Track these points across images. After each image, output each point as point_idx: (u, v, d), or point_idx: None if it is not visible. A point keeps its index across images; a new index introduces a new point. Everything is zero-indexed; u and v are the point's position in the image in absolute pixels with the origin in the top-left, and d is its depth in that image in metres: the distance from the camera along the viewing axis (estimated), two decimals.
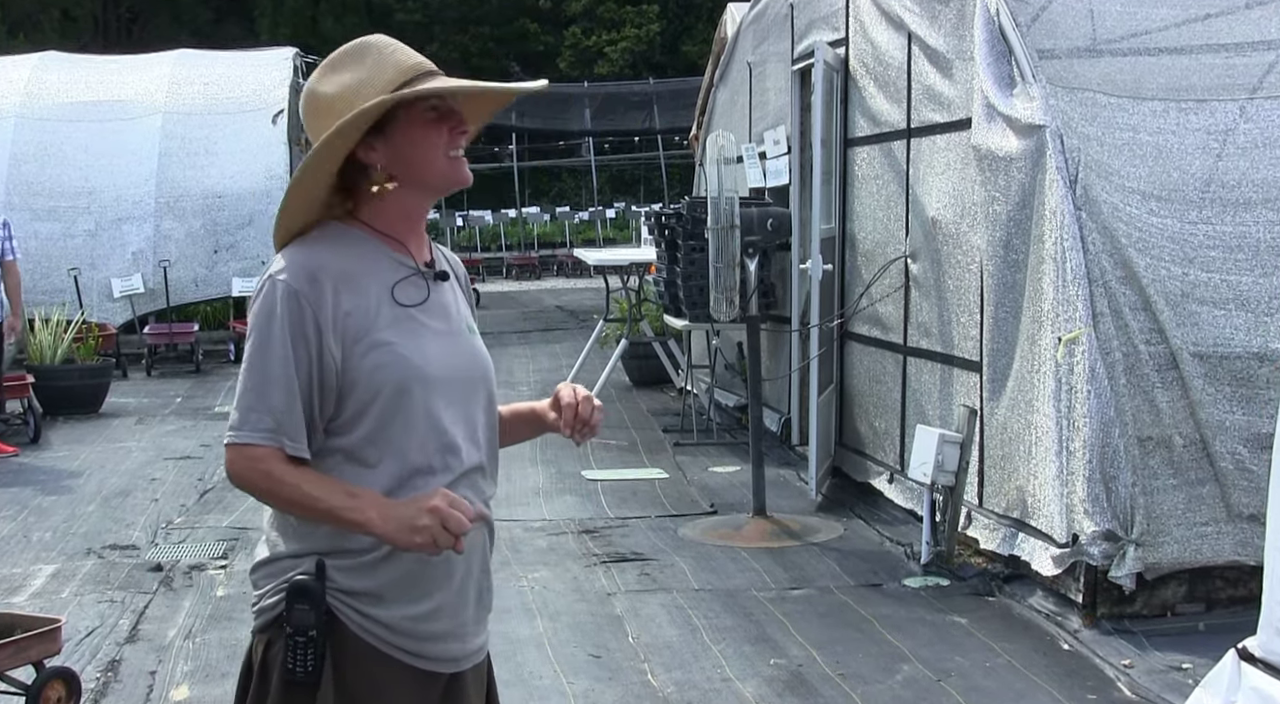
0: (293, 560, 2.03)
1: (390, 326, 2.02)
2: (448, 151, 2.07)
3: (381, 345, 2.00)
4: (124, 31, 32.30)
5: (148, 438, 8.99)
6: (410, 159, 2.06)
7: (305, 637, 1.98)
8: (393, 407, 2.00)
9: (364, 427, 2.01)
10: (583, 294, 18.82)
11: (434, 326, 2.08)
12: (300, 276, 1.98)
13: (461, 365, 2.10)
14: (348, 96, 2.02)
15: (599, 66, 32.15)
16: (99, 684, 4.48)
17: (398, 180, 2.06)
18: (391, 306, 2.04)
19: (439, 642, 2.06)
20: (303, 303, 1.97)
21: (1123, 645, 4.65)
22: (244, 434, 1.98)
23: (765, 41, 8.81)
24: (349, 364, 1.99)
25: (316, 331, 1.97)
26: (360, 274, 2.03)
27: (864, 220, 6.96)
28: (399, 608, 2.02)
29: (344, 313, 1.99)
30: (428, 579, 2.04)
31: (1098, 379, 4.75)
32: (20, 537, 6.47)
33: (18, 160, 13.33)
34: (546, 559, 5.94)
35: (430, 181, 2.10)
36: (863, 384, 6.99)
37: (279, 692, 2.00)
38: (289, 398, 1.96)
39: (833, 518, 6.57)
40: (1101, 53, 5.46)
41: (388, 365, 2.00)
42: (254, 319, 1.99)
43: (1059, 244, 4.88)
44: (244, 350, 2.02)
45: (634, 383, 10.82)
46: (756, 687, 4.39)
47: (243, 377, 2.00)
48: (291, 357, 1.96)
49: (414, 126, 2.05)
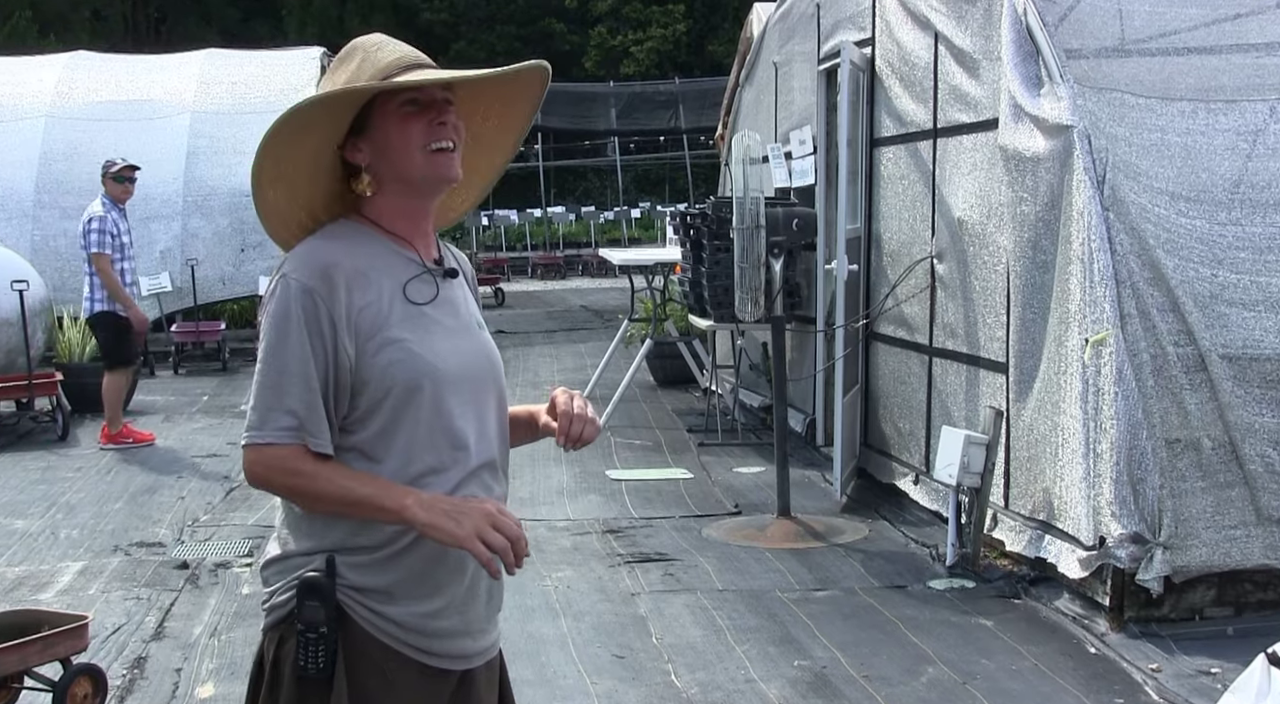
0: (304, 557, 2.03)
1: (402, 323, 2.02)
2: (427, 146, 2.03)
3: (394, 342, 2.00)
4: (153, 31, 32.54)
5: (174, 436, 9.05)
6: (390, 156, 2.04)
7: (316, 633, 1.98)
8: (404, 403, 2.00)
9: (376, 423, 2.01)
10: (608, 294, 18.84)
11: (445, 323, 2.08)
12: (314, 274, 1.98)
13: (472, 362, 2.10)
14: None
15: (625, 66, 32.19)
16: (125, 681, 4.51)
17: (381, 180, 2.06)
18: (403, 304, 2.04)
19: (449, 639, 2.06)
20: (317, 300, 1.96)
21: (1150, 649, 4.61)
22: (265, 434, 1.96)
23: (791, 41, 8.79)
24: (362, 361, 1.99)
25: (331, 328, 1.97)
26: (372, 271, 2.03)
27: (890, 220, 6.93)
28: (409, 605, 2.02)
29: (357, 309, 1.99)
30: (438, 576, 2.04)
31: (1125, 381, 4.72)
32: (48, 534, 6.52)
33: (48, 159, 13.44)
34: (571, 559, 5.94)
35: (410, 178, 2.06)
36: (888, 385, 6.96)
37: (291, 689, 2.00)
38: (309, 395, 1.96)
39: (858, 519, 6.54)
40: (1130, 53, 5.42)
41: (400, 362, 2.00)
42: (269, 318, 1.99)
43: (1086, 245, 4.85)
44: (259, 350, 2.01)
45: (659, 383, 10.81)
46: (780, 688, 4.38)
47: (259, 376, 1.99)
48: (310, 353, 1.96)
49: (390, 122, 2.03)
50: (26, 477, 7.82)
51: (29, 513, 6.93)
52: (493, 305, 18.05)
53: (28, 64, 14.85)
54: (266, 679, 2.05)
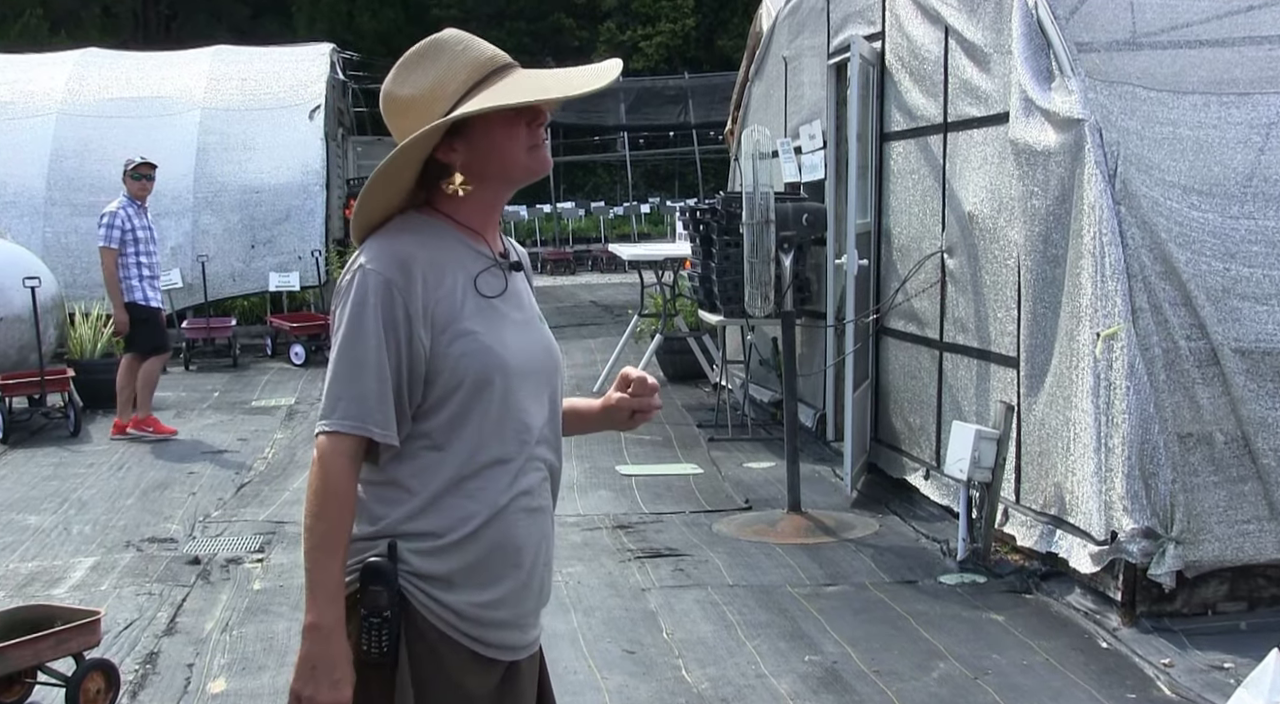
0: (366, 542, 2.05)
1: (475, 316, 2.05)
2: (529, 145, 2.10)
3: (466, 334, 2.03)
4: (163, 28, 32.59)
5: (185, 431, 9.07)
6: (491, 157, 2.09)
7: (380, 618, 2.00)
8: (475, 395, 2.03)
9: (446, 412, 2.04)
10: (617, 289, 18.84)
11: (512, 317, 2.12)
12: (391, 266, 2.01)
13: (538, 355, 2.14)
14: (426, 97, 2.05)
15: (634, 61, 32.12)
16: (137, 676, 4.53)
17: (476, 179, 2.09)
18: (475, 296, 2.07)
19: (501, 630, 2.09)
20: (394, 292, 1.99)
21: (1163, 644, 4.60)
22: (333, 422, 2.00)
23: (800, 36, 8.77)
24: (436, 352, 2.02)
25: (407, 320, 2.00)
26: (445, 264, 2.06)
27: (900, 215, 6.91)
28: (467, 594, 2.04)
29: (434, 301, 2.02)
30: (496, 567, 2.06)
31: (1137, 375, 4.70)
32: (61, 529, 6.54)
33: (59, 156, 13.49)
34: (581, 554, 5.95)
35: (513, 176, 2.13)
36: (898, 380, 6.95)
37: (355, 673, 2.02)
38: (381, 385, 1.99)
39: (868, 514, 6.54)
40: (1141, 46, 5.39)
41: (472, 354, 2.03)
42: (346, 309, 2.01)
43: (1098, 239, 4.83)
44: (334, 341, 2.03)
45: (669, 378, 10.81)
46: (791, 683, 4.38)
47: (334, 365, 2.01)
48: (385, 344, 1.99)
49: (493, 126, 2.07)
50: (39, 473, 7.84)
51: (42, 509, 6.95)
52: None
53: (39, 61, 14.90)
54: None
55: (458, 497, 2.03)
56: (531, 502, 2.10)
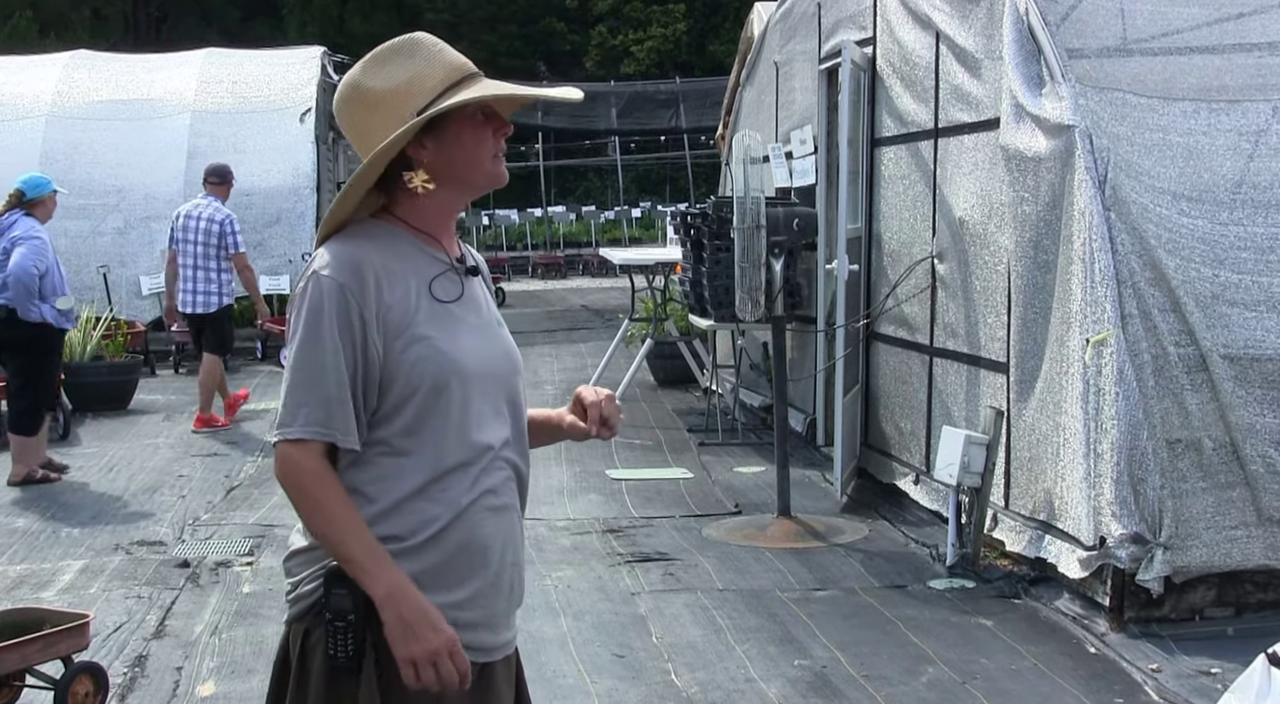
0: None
1: (429, 321, 2.05)
2: (494, 153, 2.12)
3: (421, 339, 2.03)
4: (154, 30, 32.54)
5: (175, 435, 9.05)
6: (457, 159, 2.09)
7: (345, 621, 1.99)
8: (432, 401, 2.03)
9: (403, 419, 2.03)
10: (608, 293, 18.83)
11: (469, 321, 2.11)
12: (345, 271, 2.01)
13: (495, 359, 2.14)
14: (400, 92, 2.06)
15: (625, 65, 32.17)
16: (126, 679, 4.51)
17: (438, 180, 2.09)
18: (430, 301, 2.07)
19: (472, 630, 2.08)
20: (348, 297, 1.99)
21: (1150, 649, 4.62)
22: (294, 430, 1.99)
23: (792, 40, 8.78)
24: (390, 357, 2.02)
25: (362, 325, 2.00)
26: (399, 269, 2.06)
27: (890, 220, 6.93)
28: (435, 595, 2.03)
29: (386, 306, 2.02)
30: (464, 568, 2.06)
31: (1126, 381, 4.72)
32: (49, 532, 6.52)
33: (49, 158, 13.43)
34: (571, 558, 5.94)
35: (475, 181, 2.14)
36: (888, 385, 6.96)
37: (321, 679, 2.02)
38: (340, 391, 1.99)
39: (858, 519, 6.54)
40: (1132, 52, 5.42)
41: (427, 359, 2.03)
42: (300, 315, 2.01)
43: (1088, 245, 4.85)
44: (288, 348, 2.03)
45: (659, 382, 10.81)
46: (780, 687, 4.38)
47: (290, 372, 2.01)
48: (340, 349, 1.99)
49: (464, 129, 2.08)
50: None
51: (30, 511, 6.93)
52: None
53: (28, 63, 14.85)
54: (294, 672, 2.06)
55: (420, 500, 2.03)
56: (496, 500, 2.09)
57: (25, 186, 7.43)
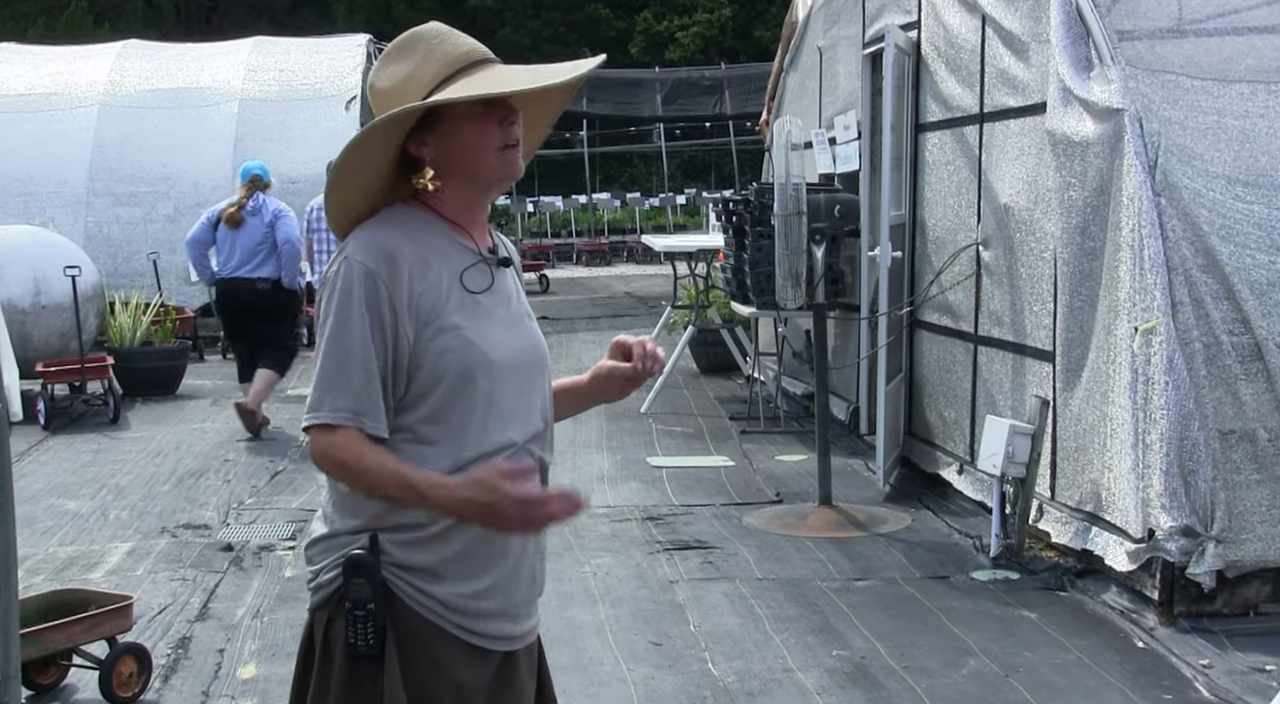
0: (349, 536, 2.04)
1: (459, 311, 2.03)
2: (499, 145, 2.05)
3: (450, 330, 2.01)
4: (204, 20, 32.84)
5: (222, 419, 9.13)
6: (459, 155, 2.05)
7: (364, 610, 1.99)
8: (457, 392, 2.01)
9: (427, 407, 2.02)
10: (652, 280, 18.81)
11: (498, 313, 2.09)
12: (376, 257, 1.99)
13: (523, 352, 2.11)
14: (398, 89, 2.03)
15: (670, 51, 32.08)
16: (169, 660, 4.56)
17: (445, 177, 2.06)
18: (460, 292, 2.05)
19: (492, 620, 2.07)
20: (379, 283, 1.97)
21: (1201, 645, 4.53)
22: (322, 415, 1.99)
23: (836, 25, 8.70)
24: (418, 346, 2.00)
25: (392, 312, 1.98)
26: (431, 257, 2.03)
27: (935, 206, 6.85)
28: (454, 585, 2.02)
29: (418, 294, 2.00)
30: (483, 557, 2.05)
31: (1176, 370, 4.63)
32: (99, 515, 6.60)
33: (101, 147, 13.62)
34: (610, 546, 5.93)
35: (480, 177, 2.08)
36: (932, 373, 6.89)
37: (344, 667, 2.01)
38: (368, 377, 1.97)
39: (900, 508, 6.48)
40: (1186, 33, 5.30)
41: (454, 350, 2.01)
42: (331, 301, 2.00)
43: (1136, 231, 4.75)
44: (319, 333, 2.02)
45: (701, 370, 10.78)
46: (819, 678, 4.34)
47: (320, 358, 2.00)
48: (370, 336, 1.97)
49: (462, 122, 2.03)
50: (78, 459, 7.93)
51: (80, 494, 7.03)
52: (537, 292, 18.08)
53: (82, 53, 15.05)
54: (317, 659, 2.06)
55: None
56: None
57: (261, 171, 8.43)
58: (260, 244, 8.25)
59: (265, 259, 8.26)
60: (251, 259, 8.24)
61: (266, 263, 8.26)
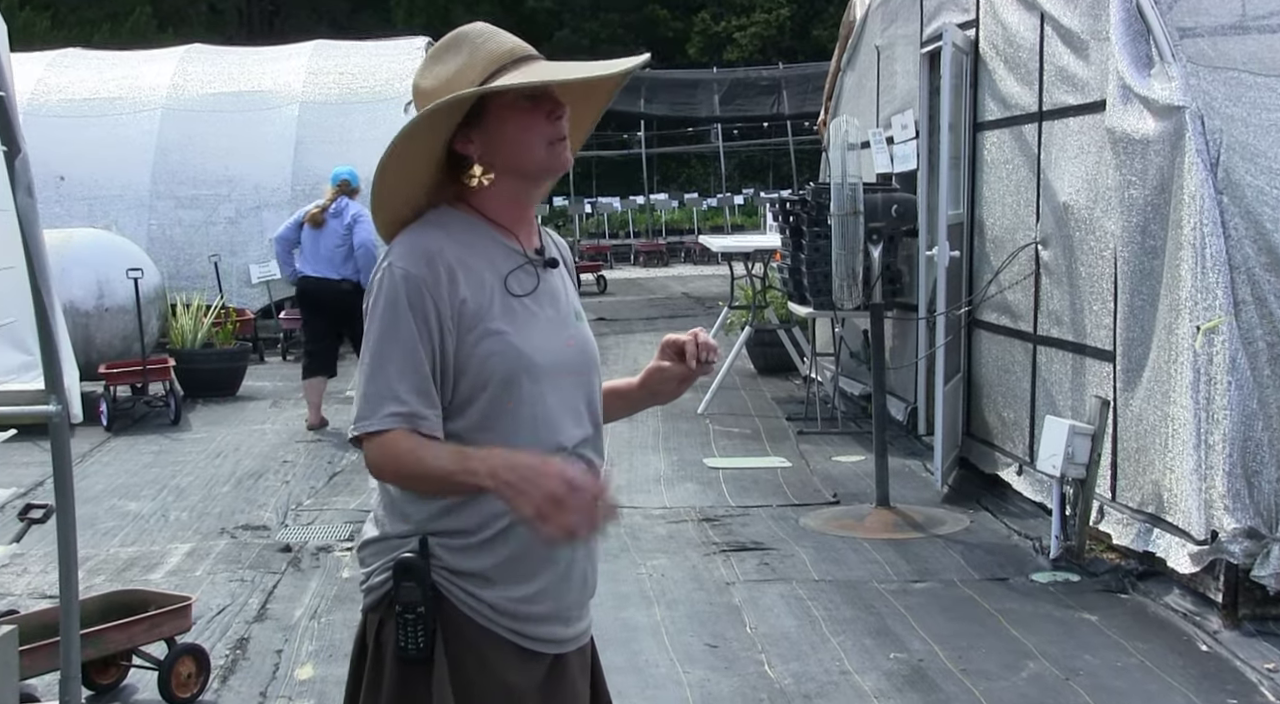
0: (400, 539, 2.05)
1: (503, 315, 2.02)
2: (547, 138, 2.04)
3: (494, 334, 2.00)
4: (266, 24, 33.30)
5: (281, 420, 9.25)
6: (506, 149, 2.04)
7: (414, 614, 1.99)
8: (501, 396, 2.00)
9: (473, 413, 2.01)
10: (709, 281, 18.77)
11: (544, 315, 2.08)
12: (419, 262, 1.98)
13: (571, 354, 2.10)
14: (442, 90, 2.02)
15: (728, 52, 32.03)
16: (228, 661, 4.62)
17: (495, 171, 2.05)
18: (504, 295, 2.04)
19: (542, 624, 2.07)
20: (423, 288, 1.97)
21: (1267, 648, 4.44)
22: (373, 423, 1.96)
23: (893, 24, 8.63)
24: (462, 350, 1.99)
25: (437, 317, 1.97)
26: (475, 261, 2.03)
27: (993, 206, 6.77)
28: (505, 589, 2.02)
29: (460, 299, 1.99)
30: (534, 561, 2.04)
31: (1239, 370, 4.54)
32: (159, 516, 6.71)
33: (164, 150, 13.83)
34: (666, 547, 5.93)
35: (528, 171, 2.07)
36: (991, 373, 6.81)
37: (394, 670, 2.02)
38: (420, 380, 1.96)
39: (958, 510, 6.42)
40: (1249, 29, 5.20)
41: (499, 355, 2.00)
42: (376, 307, 1.99)
43: (1198, 229, 4.67)
44: (365, 340, 2.01)
45: (758, 370, 10.74)
46: (876, 680, 4.31)
47: (367, 364, 1.99)
48: (417, 340, 1.96)
49: (508, 117, 2.03)
50: (140, 460, 8.06)
51: (141, 495, 7.14)
52: (595, 293, 18.11)
53: (146, 58, 15.30)
54: (369, 661, 2.07)
55: (489, 496, 1.97)
56: None
57: (350, 176, 8.76)
58: (338, 246, 8.54)
59: (343, 261, 8.53)
60: (329, 260, 8.54)
61: (344, 264, 8.53)
